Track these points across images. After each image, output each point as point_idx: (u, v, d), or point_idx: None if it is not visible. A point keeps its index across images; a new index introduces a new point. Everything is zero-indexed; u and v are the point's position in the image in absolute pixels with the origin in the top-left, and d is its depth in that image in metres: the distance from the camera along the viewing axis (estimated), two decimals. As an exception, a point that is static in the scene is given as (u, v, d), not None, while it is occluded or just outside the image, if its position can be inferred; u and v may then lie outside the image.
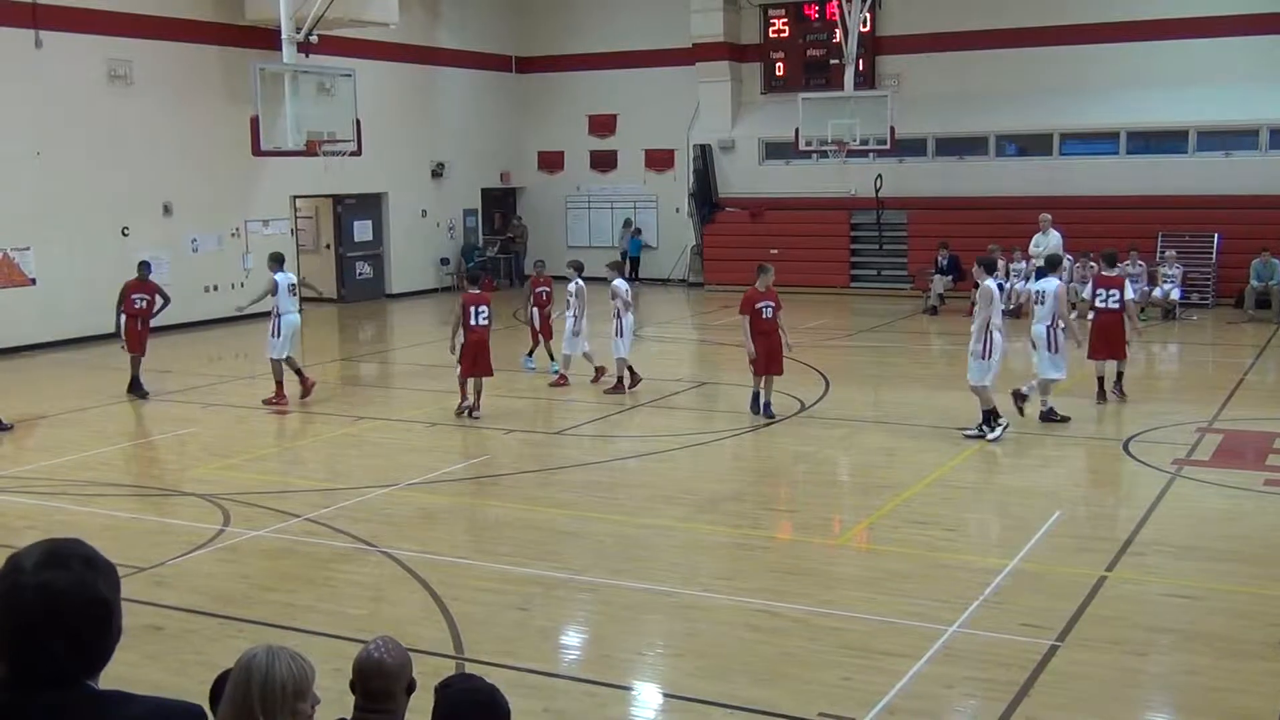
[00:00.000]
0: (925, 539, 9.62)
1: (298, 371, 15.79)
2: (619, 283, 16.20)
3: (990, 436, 12.78)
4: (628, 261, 31.21)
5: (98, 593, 2.50)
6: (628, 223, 31.66)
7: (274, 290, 15.69)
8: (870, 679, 6.90)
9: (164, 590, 8.55)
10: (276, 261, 15.97)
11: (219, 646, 7.43)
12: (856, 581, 8.97)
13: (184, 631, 7.87)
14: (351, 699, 3.91)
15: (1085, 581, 8.47)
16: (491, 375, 14.73)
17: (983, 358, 12.75)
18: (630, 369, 15.99)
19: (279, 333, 15.49)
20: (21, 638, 2.47)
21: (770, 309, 14.18)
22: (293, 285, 15.90)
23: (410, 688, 3.90)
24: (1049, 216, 22.29)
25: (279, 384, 15.58)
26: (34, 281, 20.81)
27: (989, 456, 12.64)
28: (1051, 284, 13.99)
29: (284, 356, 15.60)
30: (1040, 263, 22.38)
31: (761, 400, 14.19)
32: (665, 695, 7.07)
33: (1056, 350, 13.74)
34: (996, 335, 12.78)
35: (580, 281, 16.41)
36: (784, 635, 7.68)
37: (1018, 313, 23.74)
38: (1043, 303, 13.92)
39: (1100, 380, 14.81)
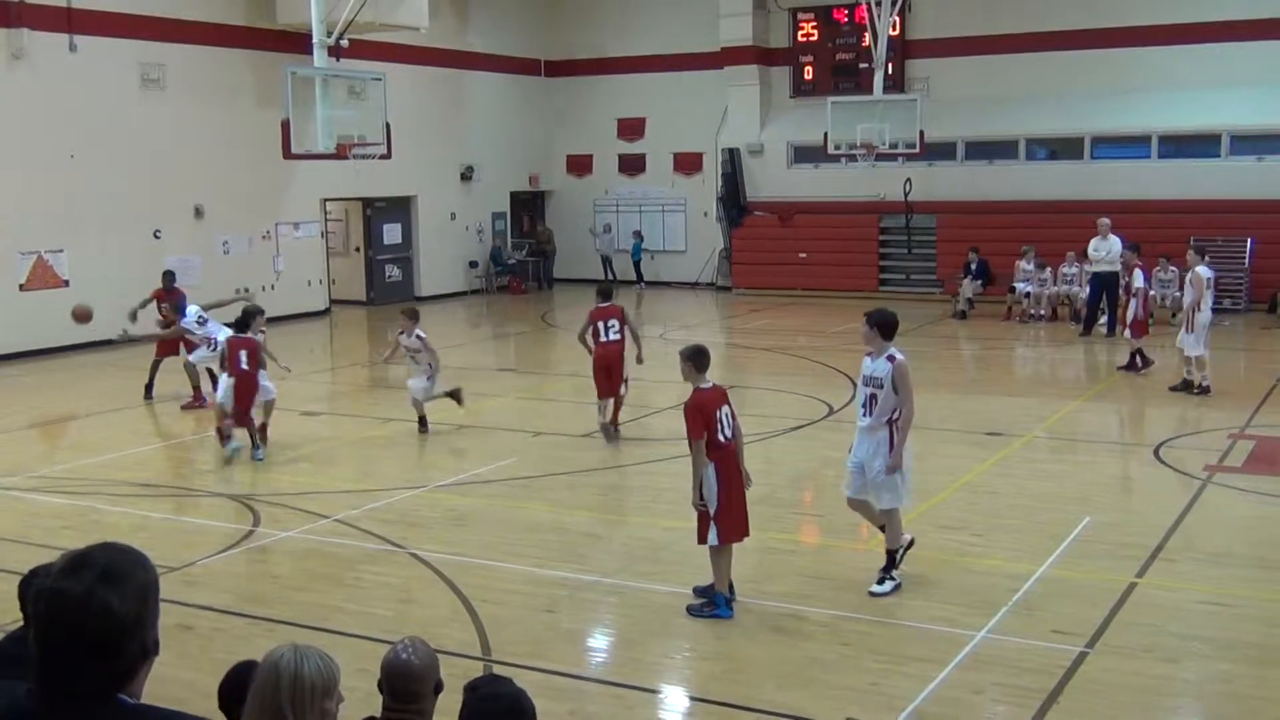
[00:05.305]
0: (954, 544, 9.57)
1: (211, 378, 15.89)
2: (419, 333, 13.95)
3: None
4: (633, 266, 31.21)
5: (106, 607, 2.37)
6: (608, 228, 31.77)
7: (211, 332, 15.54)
8: (898, 684, 6.88)
9: (194, 590, 8.62)
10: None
11: (249, 646, 7.47)
12: (884, 586, 8.94)
13: (214, 631, 7.94)
14: (380, 698, 3.94)
15: (1115, 588, 8.42)
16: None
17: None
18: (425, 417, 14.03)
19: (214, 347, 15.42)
20: (40, 647, 2.42)
21: (729, 420, 8.10)
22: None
23: (438, 688, 3.92)
24: (1108, 221, 21.51)
25: (196, 388, 15.89)
26: (67, 283, 21.01)
27: (1019, 462, 12.57)
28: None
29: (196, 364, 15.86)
30: (1106, 266, 21.28)
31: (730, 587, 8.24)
32: (692, 699, 7.07)
33: None
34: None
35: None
36: (811, 640, 7.67)
37: (1053, 315, 23.67)
38: None
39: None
